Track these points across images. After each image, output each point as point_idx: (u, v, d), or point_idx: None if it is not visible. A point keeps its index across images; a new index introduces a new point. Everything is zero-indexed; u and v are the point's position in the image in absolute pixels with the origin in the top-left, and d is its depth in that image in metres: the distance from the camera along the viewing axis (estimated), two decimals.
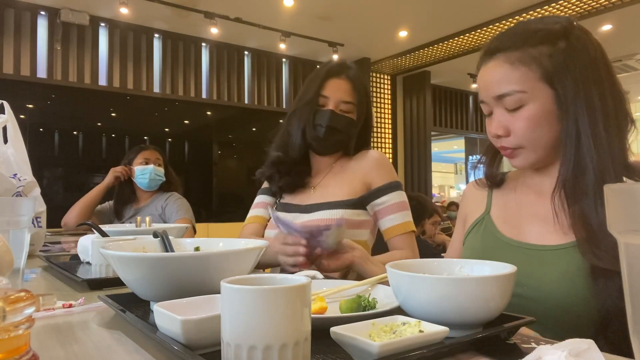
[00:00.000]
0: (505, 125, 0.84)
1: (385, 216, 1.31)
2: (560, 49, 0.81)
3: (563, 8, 4.37)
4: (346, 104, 1.33)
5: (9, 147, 1.41)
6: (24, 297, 0.36)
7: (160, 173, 2.48)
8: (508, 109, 0.83)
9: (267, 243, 0.76)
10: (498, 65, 0.83)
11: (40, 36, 4.35)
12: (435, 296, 0.56)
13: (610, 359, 0.49)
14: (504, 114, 0.84)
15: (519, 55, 0.81)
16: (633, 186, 0.34)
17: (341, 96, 1.33)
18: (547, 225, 0.85)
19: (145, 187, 2.47)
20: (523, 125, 0.81)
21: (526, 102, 0.81)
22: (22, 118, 4.28)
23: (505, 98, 0.82)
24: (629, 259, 0.36)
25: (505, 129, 0.84)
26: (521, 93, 0.81)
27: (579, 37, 0.83)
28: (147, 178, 2.43)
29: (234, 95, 5.36)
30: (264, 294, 0.42)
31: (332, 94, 1.33)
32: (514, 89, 0.81)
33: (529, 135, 0.82)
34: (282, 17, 4.67)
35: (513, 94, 0.81)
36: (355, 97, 1.34)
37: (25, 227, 0.70)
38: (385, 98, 6.51)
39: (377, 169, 1.33)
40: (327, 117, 1.31)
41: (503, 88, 0.82)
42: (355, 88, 1.34)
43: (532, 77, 0.81)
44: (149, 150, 2.53)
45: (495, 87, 0.83)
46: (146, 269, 0.65)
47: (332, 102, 1.32)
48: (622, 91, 0.84)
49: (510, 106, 0.82)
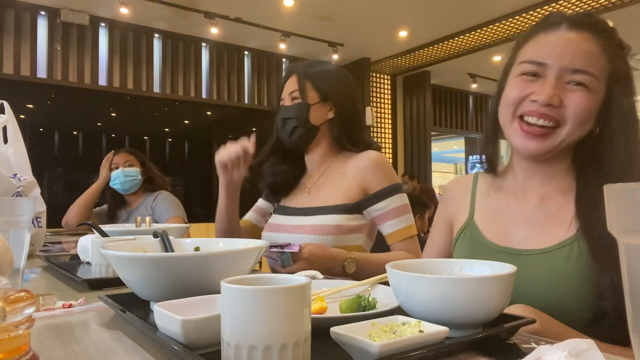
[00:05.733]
0: (560, 96, 0.80)
1: (386, 222, 1.27)
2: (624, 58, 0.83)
3: (563, 8, 4.37)
4: (292, 93, 1.35)
5: (9, 147, 1.40)
6: (24, 297, 0.36)
7: (130, 173, 2.45)
8: (569, 83, 0.80)
9: (267, 243, 0.76)
10: (588, 40, 0.81)
11: (40, 36, 4.35)
12: (435, 296, 0.55)
13: (610, 359, 0.49)
14: (560, 85, 0.81)
15: (607, 45, 0.81)
16: (633, 186, 0.34)
17: (288, 90, 1.37)
18: (532, 228, 0.86)
19: (123, 191, 2.46)
20: (579, 103, 0.79)
21: (592, 88, 0.80)
22: (22, 118, 4.28)
23: (578, 74, 0.80)
24: (629, 259, 0.36)
25: (559, 99, 0.80)
26: (594, 79, 0.80)
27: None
28: (119, 182, 2.42)
29: (234, 95, 5.36)
30: (264, 294, 0.42)
31: (285, 91, 1.38)
32: (594, 72, 0.79)
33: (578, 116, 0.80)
34: (282, 17, 4.68)
35: (590, 75, 0.79)
36: (297, 84, 1.35)
37: (25, 227, 0.69)
38: (385, 98, 6.51)
39: (375, 172, 1.28)
40: (280, 112, 1.36)
41: (586, 65, 0.79)
42: (298, 77, 1.35)
43: (607, 70, 0.81)
44: (119, 154, 2.53)
45: (576, 58, 0.80)
46: (146, 269, 0.65)
47: (286, 100, 1.37)
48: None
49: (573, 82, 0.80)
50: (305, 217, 1.31)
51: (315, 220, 1.27)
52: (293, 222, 1.32)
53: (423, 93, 6.53)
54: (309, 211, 1.31)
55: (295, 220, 1.32)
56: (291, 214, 1.36)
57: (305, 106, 1.33)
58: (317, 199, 1.33)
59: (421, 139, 6.51)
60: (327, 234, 1.24)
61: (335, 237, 1.24)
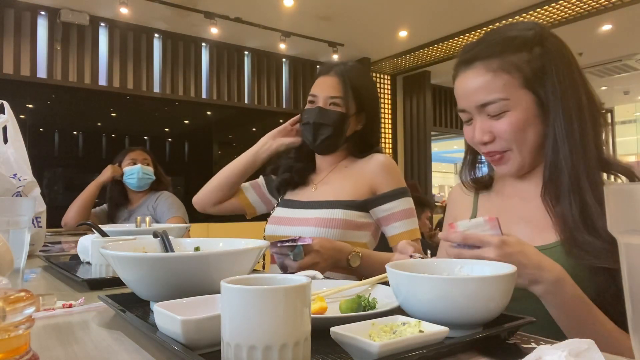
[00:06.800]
0: (490, 131, 0.85)
1: (391, 223, 1.29)
2: (537, 54, 0.84)
3: (563, 8, 4.37)
4: (334, 98, 1.31)
5: (9, 147, 1.40)
6: (24, 297, 0.36)
7: (148, 172, 2.47)
8: (491, 115, 0.85)
9: (267, 243, 0.76)
10: (478, 74, 0.85)
11: (40, 36, 4.35)
12: (435, 296, 0.56)
13: (610, 359, 0.49)
14: (487, 120, 0.85)
15: (500, 63, 0.83)
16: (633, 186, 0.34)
17: (328, 92, 1.32)
18: (533, 227, 0.87)
19: (135, 187, 2.47)
20: (508, 129, 0.83)
21: (510, 108, 0.83)
22: (22, 118, 4.28)
23: (489, 106, 0.84)
24: (629, 259, 0.36)
25: (490, 135, 0.85)
26: (505, 100, 0.83)
27: (553, 42, 0.86)
28: (135, 178, 2.43)
29: (234, 95, 5.35)
30: (264, 294, 0.42)
31: (320, 91, 1.33)
32: (498, 97, 0.83)
33: (515, 137, 0.84)
34: (282, 17, 4.67)
35: (497, 102, 0.83)
36: (342, 91, 1.31)
37: (25, 227, 0.70)
38: (385, 98, 6.50)
39: (384, 175, 1.31)
40: (314, 113, 1.31)
41: (486, 97, 0.84)
42: (343, 83, 1.32)
43: (514, 83, 0.83)
44: (136, 151, 2.53)
45: (477, 95, 0.85)
46: (146, 269, 0.65)
47: (321, 100, 1.32)
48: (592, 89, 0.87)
49: (493, 113, 0.84)
50: (312, 210, 1.31)
51: (322, 214, 1.28)
52: (299, 215, 1.32)
53: (423, 93, 6.53)
54: (316, 204, 1.32)
55: (302, 213, 1.33)
56: (297, 207, 1.36)
57: (345, 117, 1.32)
58: (325, 194, 1.34)
59: (421, 139, 6.51)
60: (334, 227, 1.25)
61: (342, 231, 1.25)
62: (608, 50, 5.55)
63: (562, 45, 0.86)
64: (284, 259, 1.13)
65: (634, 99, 8.21)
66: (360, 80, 1.36)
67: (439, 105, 7.06)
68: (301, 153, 1.44)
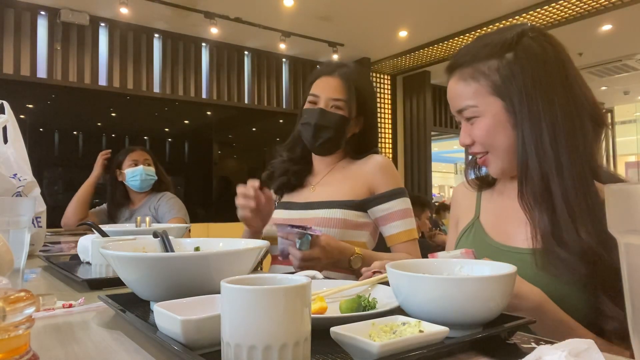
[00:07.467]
0: (469, 135, 0.90)
1: (389, 223, 1.30)
2: (507, 61, 0.84)
3: (563, 8, 4.37)
4: (336, 101, 1.30)
5: (9, 147, 1.40)
6: (24, 297, 0.36)
7: (150, 172, 2.47)
8: (467, 121, 0.90)
9: (267, 243, 0.76)
10: (455, 82, 0.90)
11: (40, 36, 4.35)
12: (435, 296, 0.55)
13: (610, 359, 0.49)
14: (467, 124, 0.90)
15: (470, 72, 0.87)
16: (633, 186, 0.34)
17: (330, 94, 1.31)
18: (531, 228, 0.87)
19: (138, 189, 2.46)
20: (480, 134, 0.88)
21: (479, 114, 0.87)
22: (22, 118, 4.28)
23: (463, 112, 0.89)
24: (629, 259, 0.36)
25: (470, 138, 0.90)
26: (474, 107, 0.87)
27: (528, 45, 0.84)
28: (138, 179, 2.43)
29: (234, 95, 5.35)
30: (264, 294, 0.42)
31: (322, 92, 1.32)
32: (468, 104, 0.87)
33: (487, 142, 0.88)
34: (282, 17, 4.67)
35: (467, 108, 0.88)
36: (345, 94, 1.30)
37: (25, 227, 0.70)
38: (385, 98, 6.50)
39: (382, 175, 1.31)
40: (316, 114, 1.30)
41: (460, 103, 0.89)
42: (346, 85, 1.31)
43: (483, 91, 0.86)
44: (137, 152, 2.52)
45: (454, 101, 0.91)
46: (146, 269, 0.65)
47: (322, 101, 1.31)
48: (586, 94, 0.84)
49: (467, 118, 0.89)
50: (311, 210, 1.31)
51: (321, 214, 1.28)
52: (298, 216, 1.33)
53: (423, 93, 6.53)
54: (315, 205, 1.32)
55: (301, 214, 1.33)
56: (296, 208, 1.36)
57: (346, 120, 1.31)
58: (323, 194, 1.34)
59: (421, 139, 6.51)
60: (333, 227, 1.25)
61: (341, 230, 1.26)
62: (608, 50, 5.55)
63: (542, 47, 0.84)
64: (287, 246, 1.10)
65: (634, 99, 8.22)
66: (362, 84, 1.35)
67: (439, 105, 7.06)
68: (295, 155, 1.43)
